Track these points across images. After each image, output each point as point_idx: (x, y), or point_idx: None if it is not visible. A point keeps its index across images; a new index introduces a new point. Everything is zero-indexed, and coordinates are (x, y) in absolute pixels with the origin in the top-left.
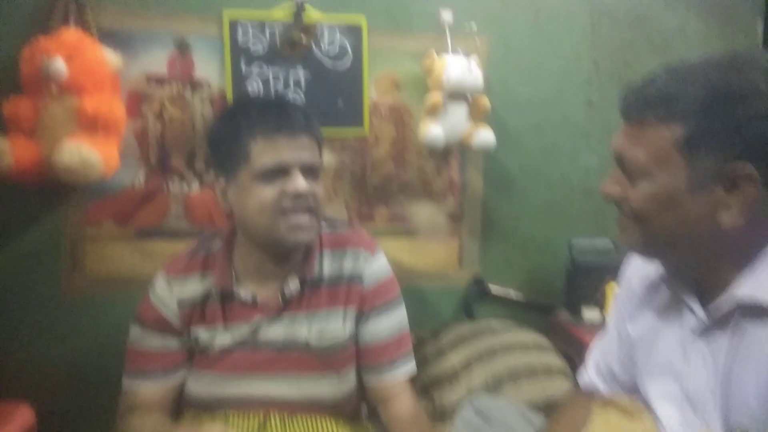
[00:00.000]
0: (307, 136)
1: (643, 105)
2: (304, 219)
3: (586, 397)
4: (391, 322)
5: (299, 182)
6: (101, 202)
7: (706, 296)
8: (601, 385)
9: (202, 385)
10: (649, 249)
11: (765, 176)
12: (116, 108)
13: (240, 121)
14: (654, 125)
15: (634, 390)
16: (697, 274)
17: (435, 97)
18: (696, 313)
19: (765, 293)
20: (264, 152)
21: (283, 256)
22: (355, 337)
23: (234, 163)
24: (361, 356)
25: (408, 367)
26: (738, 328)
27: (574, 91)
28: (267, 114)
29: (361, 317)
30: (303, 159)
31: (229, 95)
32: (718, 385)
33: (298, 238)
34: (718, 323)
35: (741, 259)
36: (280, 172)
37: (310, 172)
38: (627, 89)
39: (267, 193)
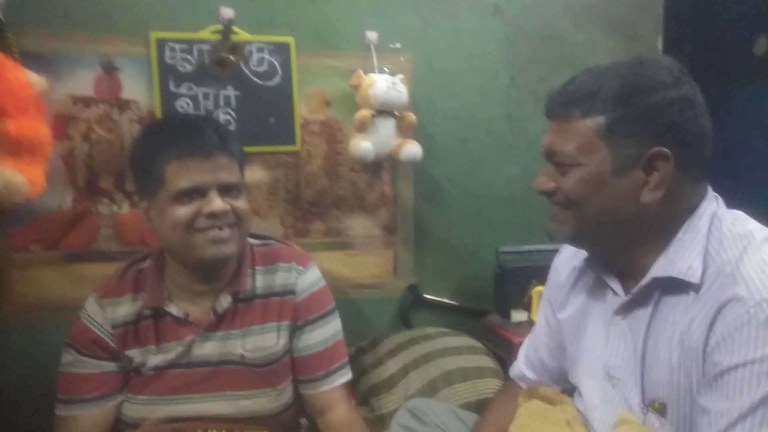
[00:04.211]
0: (224, 155)
1: (567, 103)
2: (223, 233)
3: (514, 391)
4: (325, 333)
5: (215, 203)
6: (28, 226)
7: (627, 279)
8: (531, 375)
9: (137, 407)
10: (580, 236)
11: (677, 157)
12: (41, 130)
13: (153, 145)
14: (578, 119)
15: (562, 376)
16: (621, 257)
17: (363, 113)
18: (617, 293)
19: (677, 269)
20: (178, 175)
21: (211, 273)
22: (291, 350)
23: (152, 186)
24: (297, 368)
25: (343, 376)
26: (654, 304)
27: (494, 104)
28: (180, 137)
29: (295, 330)
30: (219, 179)
31: (158, 114)
32: (636, 361)
33: (217, 252)
34: (638, 301)
35: (659, 241)
36: (196, 192)
37: (229, 189)
38: (550, 92)
39: (183, 212)
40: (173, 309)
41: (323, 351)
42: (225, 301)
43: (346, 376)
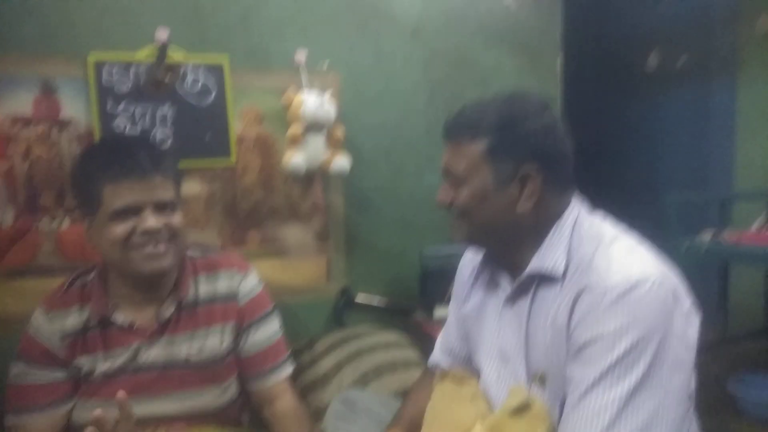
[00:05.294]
0: (158, 175)
1: (458, 129)
2: (158, 248)
3: (431, 377)
4: (268, 331)
5: (148, 221)
6: None
7: (514, 274)
8: (444, 362)
9: (87, 412)
10: (473, 239)
11: (543, 174)
12: None
13: (90, 169)
14: (466, 143)
15: (469, 361)
16: (506, 256)
17: (295, 129)
18: (505, 286)
19: (545, 265)
20: (113, 196)
21: (152, 284)
22: (236, 350)
23: (90, 205)
24: (244, 366)
25: (287, 369)
26: (532, 294)
27: (415, 118)
28: (114, 160)
29: (240, 331)
30: (154, 198)
31: (97, 134)
32: (521, 342)
33: (153, 267)
34: (520, 293)
35: (533, 242)
36: (131, 211)
37: (164, 207)
38: (446, 119)
39: (119, 230)
40: (119, 318)
41: (268, 348)
42: (168, 309)
43: (290, 368)
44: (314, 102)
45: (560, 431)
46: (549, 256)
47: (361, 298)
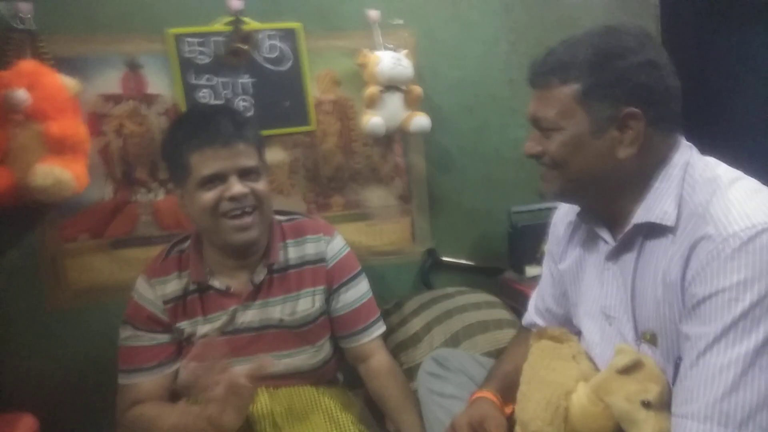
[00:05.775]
0: (242, 142)
1: (546, 73)
2: (246, 220)
3: (526, 336)
4: (358, 292)
5: (235, 187)
6: (75, 218)
7: (615, 228)
8: (540, 322)
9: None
10: (567, 192)
11: (648, 114)
12: (80, 129)
13: (177, 139)
14: (557, 87)
15: (567, 321)
16: (606, 208)
17: (372, 90)
18: (607, 241)
19: (654, 214)
20: (201, 164)
21: (243, 251)
22: (328, 311)
23: (181, 175)
24: (337, 326)
25: (380, 328)
26: (639, 248)
27: (496, 71)
28: (199, 129)
29: (331, 293)
30: (238, 164)
31: (182, 106)
32: (627, 299)
33: (243, 238)
34: (624, 247)
35: (637, 191)
36: (218, 179)
37: (249, 174)
38: (531, 63)
39: (208, 197)
40: (216, 283)
41: (359, 308)
42: (261, 273)
43: (382, 327)
44: (390, 60)
45: (677, 392)
46: (657, 205)
47: (447, 259)
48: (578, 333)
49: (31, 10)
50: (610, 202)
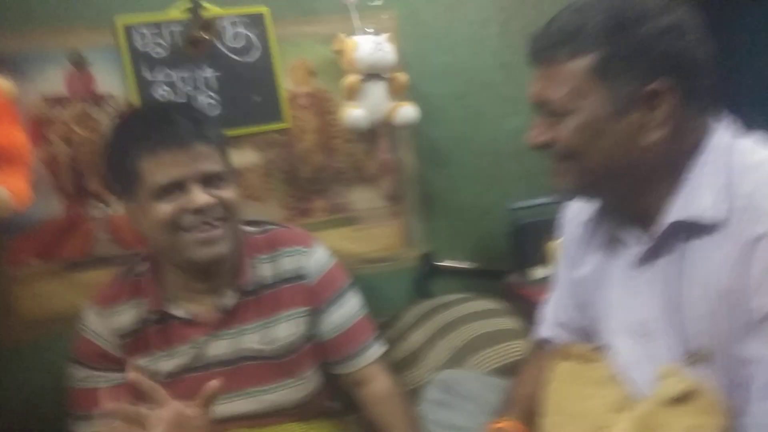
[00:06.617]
0: (202, 143)
1: (551, 45)
2: (213, 233)
3: (543, 353)
4: (348, 310)
5: (199, 197)
6: (22, 239)
7: (645, 227)
8: (558, 337)
9: None
10: (585, 187)
11: (679, 87)
12: (17, 138)
13: (124, 140)
14: (566, 61)
15: (590, 335)
16: (633, 205)
17: (351, 79)
18: (637, 243)
19: (695, 209)
20: (154, 170)
21: (208, 271)
22: (315, 336)
23: (129, 184)
24: (328, 351)
25: (377, 348)
26: (681, 249)
27: (488, 55)
28: (151, 128)
29: (316, 313)
30: (200, 170)
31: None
32: (669, 311)
33: (209, 254)
34: (660, 249)
35: (670, 181)
36: (176, 187)
37: (212, 180)
38: (531, 35)
39: (164, 210)
40: (178, 311)
41: (352, 328)
42: (231, 297)
43: (382, 348)
44: (370, 45)
45: (747, 427)
46: (699, 198)
47: (445, 263)
48: (605, 349)
49: None
50: (637, 197)
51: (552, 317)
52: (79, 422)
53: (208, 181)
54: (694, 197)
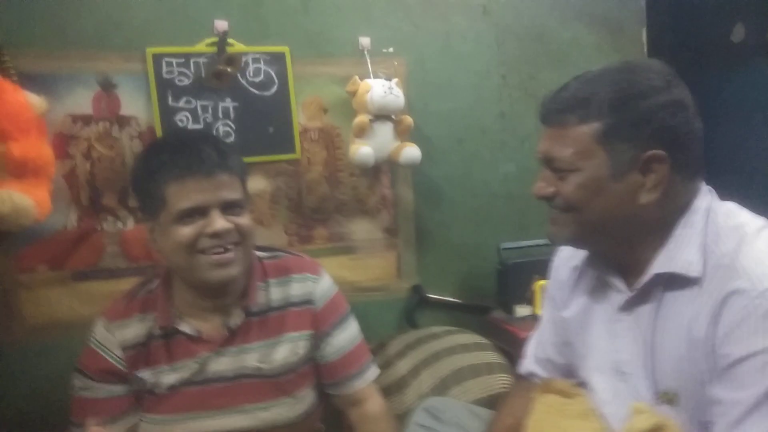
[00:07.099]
0: (224, 172)
1: (562, 110)
2: (227, 256)
3: (526, 386)
4: (349, 335)
5: (217, 223)
6: (33, 247)
7: (628, 276)
8: (540, 372)
9: (153, 427)
10: (580, 238)
11: (672, 158)
12: (44, 151)
13: (153, 166)
14: (575, 126)
15: (571, 372)
16: (621, 256)
17: (362, 119)
18: (621, 290)
19: (676, 264)
20: (179, 196)
21: (219, 291)
22: (316, 358)
23: (154, 207)
24: (327, 372)
25: (373, 370)
26: (658, 299)
27: (487, 104)
28: (179, 156)
29: (320, 336)
30: (221, 197)
31: (158, 130)
32: (644, 355)
33: (222, 276)
34: (640, 298)
35: (657, 239)
36: (197, 212)
37: (232, 207)
38: (544, 99)
39: (185, 233)
40: (185, 327)
41: (352, 351)
42: (237, 317)
43: (377, 371)
44: (382, 88)
45: None
46: (680, 255)
47: (434, 296)
48: (584, 385)
49: None
50: (627, 250)
51: (535, 353)
52: (75, 429)
53: (228, 207)
54: (677, 253)
